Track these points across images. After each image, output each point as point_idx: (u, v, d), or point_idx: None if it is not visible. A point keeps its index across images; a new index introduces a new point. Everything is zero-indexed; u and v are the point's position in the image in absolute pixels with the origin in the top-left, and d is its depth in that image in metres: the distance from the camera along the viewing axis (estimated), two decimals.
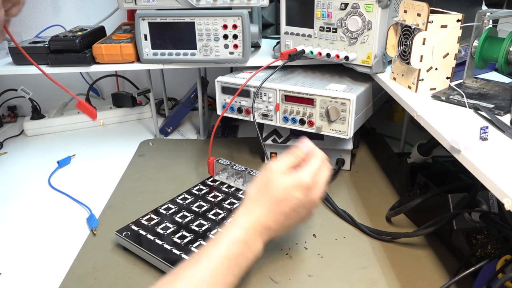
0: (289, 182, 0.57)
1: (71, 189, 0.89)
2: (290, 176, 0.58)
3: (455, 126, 0.59)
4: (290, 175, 0.58)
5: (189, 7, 0.91)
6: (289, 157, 0.61)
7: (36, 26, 1.31)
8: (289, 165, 0.60)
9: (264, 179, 0.58)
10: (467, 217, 0.64)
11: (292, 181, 0.57)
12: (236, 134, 1.17)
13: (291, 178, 0.57)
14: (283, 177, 0.58)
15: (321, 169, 0.61)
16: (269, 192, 0.57)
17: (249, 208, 0.57)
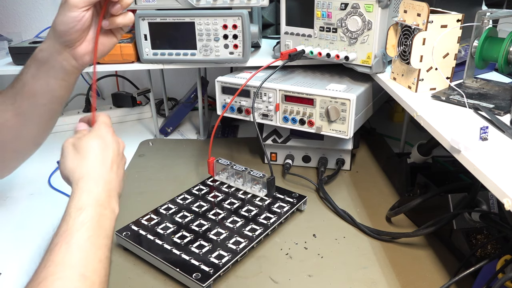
0: (95, 134, 0.57)
1: (71, 189, 0.89)
2: (89, 132, 0.58)
3: (455, 126, 0.59)
4: (89, 132, 0.58)
5: (189, 7, 0.91)
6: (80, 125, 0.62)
7: (36, 26, 1.31)
8: (80, 131, 0.60)
9: (70, 149, 0.57)
10: (467, 217, 0.64)
11: (96, 133, 0.57)
12: (236, 134, 1.17)
13: (92, 132, 0.57)
14: (85, 136, 0.57)
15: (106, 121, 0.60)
16: (86, 152, 0.56)
17: (82, 174, 0.55)
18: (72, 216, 0.50)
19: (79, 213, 0.50)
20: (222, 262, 0.63)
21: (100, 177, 0.54)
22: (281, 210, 0.76)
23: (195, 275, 0.60)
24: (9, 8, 1.31)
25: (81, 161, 0.55)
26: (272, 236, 0.73)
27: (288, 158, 0.95)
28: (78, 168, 0.55)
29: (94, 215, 0.50)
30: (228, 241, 0.68)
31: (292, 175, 0.92)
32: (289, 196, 0.80)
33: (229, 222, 0.73)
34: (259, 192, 0.81)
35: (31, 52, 1.02)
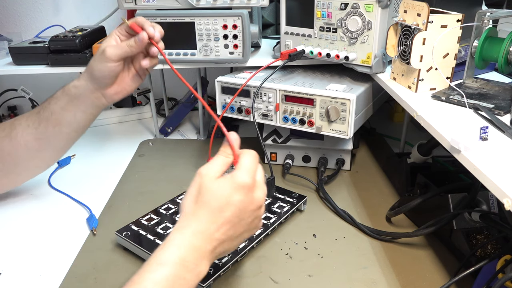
0: (226, 185, 0.49)
1: (71, 189, 0.89)
2: (226, 178, 0.50)
3: (455, 126, 0.59)
4: (225, 178, 0.50)
5: (189, 7, 0.91)
6: (219, 157, 0.53)
7: (36, 26, 1.31)
8: (221, 166, 0.52)
9: (197, 187, 0.50)
10: (467, 217, 0.64)
11: (229, 183, 0.49)
12: None
13: (227, 180, 0.50)
14: (218, 181, 0.50)
15: (257, 166, 0.53)
16: (206, 200, 0.49)
17: (185, 223, 0.49)
18: (149, 270, 0.45)
19: (157, 268, 0.45)
20: (222, 262, 0.63)
21: (201, 233, 0.48)
22: (281, 210, 0.76)
23: None
24: (9, 8, 1.31)
25: (195, 203, 0.49)
26: (272, 236, 0.73)
27: (288, 158, 0.95)
28: (188, 210, 0.50)
29: (171, 276, 0.45)
30: None
31: (292, 175, 0.92)
32: (289, 196, 0.80)
33: None
34: None
35: (31, 52, 1.02)
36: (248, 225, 0.52)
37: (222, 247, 0.50)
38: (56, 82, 1.35)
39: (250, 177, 0.50)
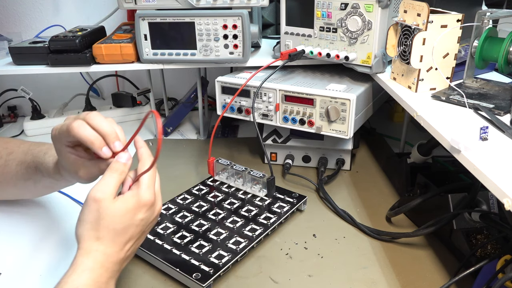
0: (126, 207, 0.49)
1: (71, 189, 0.89)
2: (125, 198, 0.49)
3: (455, 126, 0.59)
4: (124, 198, 0.49)
5: (189, 7, 0.91)
6: (111, 175, 0.51)
7: (36, 26, 1.31)
8: (115, 186, 0.50)
9: (94, 214, 0.48)
10: (467, 217, 0.64)
11: (131, 204, 0.49)
12: (236, 134, 1.17)
13: (128, 201, 0.49)
14: (117, 203, 0.49)
15: (155, 177, 0.53)
16: (107, 225, 0.48)
17: (91, 247, 0.48)
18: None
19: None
20: (222, 262, 0.63)
21: (110, 256, 0.48)
22: (281, 210, 0.76)
23: (195, 275, 0.60)
24: (9, 8, 1.31)
25: (96, 230, 0.48)
26: (272, 236, 0.73)
27: (288, 158, 0.95)
28: (90, 235, 0.48)
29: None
30: (228, 241, 0.68)
31: (292, 175, 0.92)
32: (289, 196, 0.80)
33: (229, 222, 0.73)
34: (259, 192, 0.81)
35: (31, 52, 1.02)
36: (150, 229, 0.54)
37: (129, 258, 0.52)
38: (56, 82, 1.36)
39: (152, 193, 0.51)
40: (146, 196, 0.51)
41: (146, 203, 0.51)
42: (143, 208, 0.51)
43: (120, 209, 0.49)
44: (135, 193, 0.51)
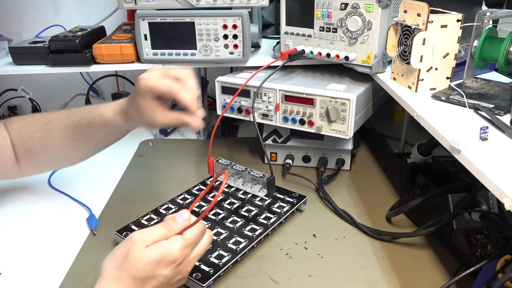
0: (153, 256, 0.48)
1: (71, 189, 0.89)
2: (155, 248, 0.49)
3: (455, 126, 0.59)
4: (155, 247, 0.49)
5: (189, 7, 0.91)
6: (160, 228, 0.52)
7: (36, 26, 1.31)
8: (157, 237, 0.51)
9: (124, 253, 0.49)
10: (467, 217, 0.64)
11: (156, 255, 0.48)
12: (236, 134, 1.17)
13: (156, 251, 0.49)
14: (146, 250, 0.49)
15: (197, 242, 0.54)
16: (129, 268, 0.48)
17: (105, 286, 0.48)
18: None
19: None
20: (222, 262, 0.63)
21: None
22: (281, 210, 0.76)
23: (195, 275, 0.60)
24: (9, 8, 1.31)
25: (118, 270, 0.49)
26: (272, 236, 0.73)
27: (288, 158, 0.95)
28: (110, 274, 0.49)
29: None
30: (228, 241, 0.68)
31: (292, 175, 0.92)
32: (289, 196, 0.80)
33: (229, 222, 0.73)
34: (259, 192, 0.81)
35: (31, 52, 1.02)
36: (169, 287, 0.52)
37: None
38: (56, 82, 1.36)
39: (180, 250, 0.50)
40: (173, 250, 0.50)
41: (170, 258, 0.49)
42: (166, 264, 0.49)
43: (146, 256, 0.48)
44: (166, 245, 0.50)
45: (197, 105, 0.64)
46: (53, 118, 0.73)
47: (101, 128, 0.70)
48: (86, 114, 0.70)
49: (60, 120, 0.72)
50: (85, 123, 0.70)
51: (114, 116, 0.68)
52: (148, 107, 0.63)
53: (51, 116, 0.74)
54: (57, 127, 0.72)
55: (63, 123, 0.72)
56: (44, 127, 0.72)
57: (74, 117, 0.71)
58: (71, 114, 0.72)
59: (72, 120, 0.71)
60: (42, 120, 0.74)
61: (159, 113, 0.64)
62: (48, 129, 0.72)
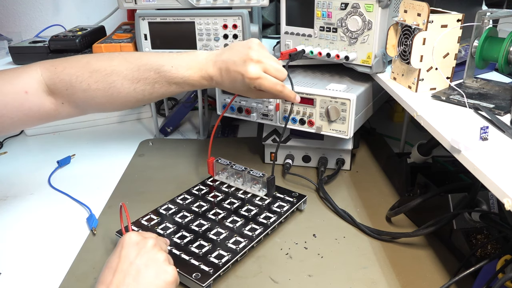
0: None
1: (71, 189, 0.89)
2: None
3: (455, 126, 0.59)
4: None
5: (189, 7, 0.91)
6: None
7: (36, 26, 1.31)
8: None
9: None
10: (467, 217, 0.64)
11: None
12: (236, 134, 1.17)
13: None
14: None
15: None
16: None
17: None
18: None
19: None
20: (222, 261, 0.63)
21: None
22: (281, 209, 0.76)
23: (195, 275, 0.60)
24: (9, 8, 1.31)
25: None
26: (272, 236, 0.73)
27: (288, 158, 0.95)
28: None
29: None
30: (228, 241, 0.68)
31: (292, 175, 0.92)
32: (289, 196, 0.80)
33: (229, 222, 0.73)
34: (259, 192, 0.81)
35: (31, 51, 1.02)
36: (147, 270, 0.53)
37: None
38: None
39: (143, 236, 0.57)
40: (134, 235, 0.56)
41: (134, 241, 0.55)
42: (132, 246, 0.55)
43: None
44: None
45: (296, 95, 0.75)
46: (116, 69, 0.68)
47: (183, 87, 0.71)
48: (166, 72, 0.68)
49: (126, 73, 0.68)
50: (164, 81, 0.69)
51: (200, 80, 0.70)
52: (248, 91, 0.70)
53: (110, 66, 0.68)
54: (124, 80, 0.68)
55: (133, 77, 0.68)
56: (106, 79, 0.68)
57: (149, 73, 0.68)
58: (140, 66, 0.68)
59: (146, 76, 0.68)
60: (102, 70, 0.68)
61: (255, 93, 0.71)
62: (112, 82, 0.68)
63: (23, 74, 0.67)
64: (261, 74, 0.67)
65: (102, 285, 0.51)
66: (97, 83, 0.67)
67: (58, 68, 0.68)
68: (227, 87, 0.71)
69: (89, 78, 0.67)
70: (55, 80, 0.67)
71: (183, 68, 0.69)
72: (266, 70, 0.67)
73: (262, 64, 0.67)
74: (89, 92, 0.68)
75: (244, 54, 0.67)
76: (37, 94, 0.67)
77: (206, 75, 0.69)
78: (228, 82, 0.69)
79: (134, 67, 0.68)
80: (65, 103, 0.69)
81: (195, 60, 0.69)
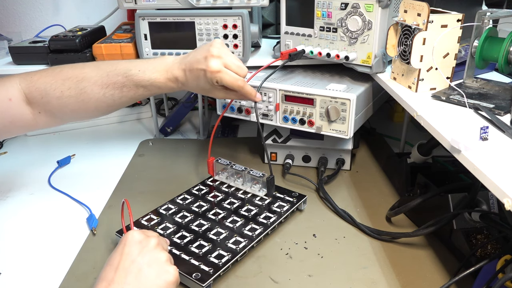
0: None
1: (71, 189, 0.89)
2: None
3: (455, 126, 0.59)
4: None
5: (189, 7, 0.90)
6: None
7: (36, 26, 1.31)
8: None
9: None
10: (467, 217, 0.64)
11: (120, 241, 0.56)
12: (236, 134, 1.17)
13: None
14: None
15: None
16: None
17: None
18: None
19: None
20: (222, 261, 0.63)
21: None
22: (281, 209, 0.76)
23: (195, 275, 0.60)
24: (9, 8, 1.31)
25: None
26: (272, 236, 0.73)
27: (288, 158, 0.95)
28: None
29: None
30: (228, 241, 0.68)
31: (292, 175, 0.92)
32: (288, 195, 0.80)
33: (229, 222, 0.73)
34: (258, 192, 0.81)
35: (31, 51, 1.02)
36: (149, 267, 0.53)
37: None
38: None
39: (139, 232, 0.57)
40: (137, 234, 0.57)
41: (138, 240, 0.56)
42: (134, 244, 0.55)
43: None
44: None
45: (256, 93, 0.76)
46: (86, 76, 0.71)
47: (150, 90, 0.73)
48: (133, 76, 0.71)
49: (96, 79, 0.71)
50: (132, 84, 0.72)
51: (167, 82, 0.72)
52: (213, 89, 0.71)
53: (81, 74, 0.72)
54: (94, 86, 0.71)
55: (102, 82, 0.71)
56: (78, 86, 0.71)
57: (117, 78, 0.71)
58: (109, 72, 0.72)
59: (114, 81, 0.71)
60: (74, 78, 0.71)
61: (221, 92, 0.72)
62: (83, 88, 0.71)
63: (6, 83, 0.71)
64: (221, 68, 0.69)
65: (104, 282, 0.51)
66: (69, 90, 0.70)
67: (34, 78, 0.71)
68: (192, 87, 0.72)
69: (62, 86, 0.70)
70: (31, 88, 0.70)
71: (150, 71, 0.71)
72: (227, 65, 0.69)
73: (222, 59, 0.69)
74: (62, 99, 0.71)
75: (205, 50, 0.70)
76: (18, 102, 0.71)
77: (172, 77, 0.72)
78: (191, 80, 0.71)
79: (104, 73, 0.71)
80: (42, 112, 0.72)
81: (162, 64, 0.72)
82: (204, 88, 0.72)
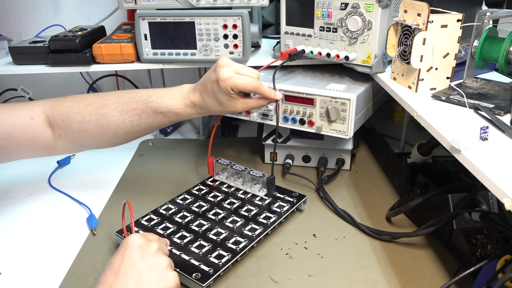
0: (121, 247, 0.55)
1: (71, 189, 0.89)
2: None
3: (455, 126, 0.59)
4: None
5: (189, 7, 0.90)
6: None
7: (36, 26, 1.31)
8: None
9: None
10: (467, 217, 0.64)
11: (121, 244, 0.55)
12: (236, 134, 1.17)
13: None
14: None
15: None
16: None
17: None
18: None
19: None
20: (222, 262, 0.63)
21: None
22: (281, 209, 0.76)
23: (195, 275, 0.60)
24: (9, 8, 1.31)
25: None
26: (272, 236, 0.73)
27: (288, 158, 0.95)
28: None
29: None
30: (228, 241, 0.68)
31: (292, 175, 0.92)
32: (288, 196, 0.80)
33: (229, 222, 0.73)
34: (258, 192, 0.81)
35: (31, 51, 1.02)
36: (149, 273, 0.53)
37: None
38: (56, 82, 1.36)
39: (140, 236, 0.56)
40: (138, 237, 0.56)
41: (139, 244, 0.55)
42: (135, 249, 0.55)
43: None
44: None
45: (275, 91, 0.76)
46: (108, 103, 0.74)
47: (169, 117, 0.75)
48: (152, 102, 0.74)
49: (116, 105, 0.74)
50: (150, 111, 0.74)
51: (185, 109, 0.74)
52: (231, 100, 0.72)
53: (103, 100, 0.75)
54: (114, 112, 0.74)
55: (122, 108, 0.74)
56: (99, 111, 0.74)
57: (136, 104, 0.74)
58: (129, 99, 0.74)
59: (133, 107, 0.74)
60: (95, 103, 0.74)
61: (239, 101, 0.73)
62: (104, 113, 0.74)
63: (30, 104, 0.75)
64: (232, 75, 0.70)
65: (104, 285, 0.51)
66: (90, 115, 0.73)
67: (58, 102, 0.75)
68: (211, 105, 0.73)
69: (83, 110, 0.73)
70: (54, 111, 0.74)
71: (168, 98, 0.74)
72: (237, 71, 0.71)
73: (231, 67, 0.71)
74: (83, 124, 0.74)
75: (213, 67, 0.72)
76: (40, 122, 0.73)
77: (189, 103, 0.74)
78: (208, 98, 0.72)
79: (124, 100, 0.74)
80: (62, 136, 0.75)
81: (179, 90, 0.75)
82: (223, 102, 0.72)
